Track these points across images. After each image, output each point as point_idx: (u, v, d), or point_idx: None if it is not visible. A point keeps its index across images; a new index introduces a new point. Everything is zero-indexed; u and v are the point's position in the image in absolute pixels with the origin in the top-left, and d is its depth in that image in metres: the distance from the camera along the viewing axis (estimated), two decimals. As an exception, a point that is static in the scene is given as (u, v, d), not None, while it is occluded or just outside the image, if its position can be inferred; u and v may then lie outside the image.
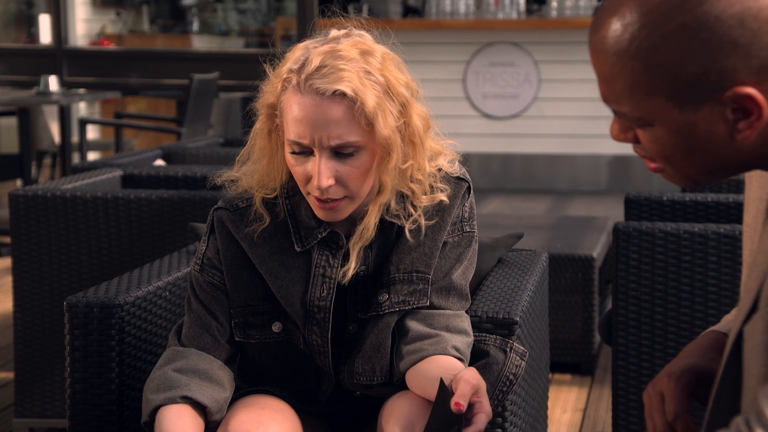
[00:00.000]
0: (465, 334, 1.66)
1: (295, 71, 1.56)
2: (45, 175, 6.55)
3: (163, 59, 6.43)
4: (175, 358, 1.64)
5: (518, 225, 4.08)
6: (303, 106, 1.54)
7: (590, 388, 3.38)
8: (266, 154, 1.63)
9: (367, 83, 1.54)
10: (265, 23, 9.54)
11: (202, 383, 1.60)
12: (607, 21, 1.06)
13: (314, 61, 1.54)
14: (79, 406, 1.78)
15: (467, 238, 1.69)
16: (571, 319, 3.45)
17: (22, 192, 2.77)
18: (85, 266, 2.77)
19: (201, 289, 1.67)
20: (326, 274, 1.64)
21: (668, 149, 1.08)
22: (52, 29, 6.43)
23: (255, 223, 1.65)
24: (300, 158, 1.57)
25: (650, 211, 2.60)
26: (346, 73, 1.53)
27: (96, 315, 1.78)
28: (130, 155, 3.46)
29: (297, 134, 1.55)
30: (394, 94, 1.58)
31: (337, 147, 1.54)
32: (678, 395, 1.24)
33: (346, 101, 1.53)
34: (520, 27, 7.06)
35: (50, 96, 5.48)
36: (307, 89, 1.54)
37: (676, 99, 1.04)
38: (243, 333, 1.67)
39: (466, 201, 1.69)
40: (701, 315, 2.30)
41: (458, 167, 1.71)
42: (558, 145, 7.07)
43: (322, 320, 1.64)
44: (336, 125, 1.53)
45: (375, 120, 1.54)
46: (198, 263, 1.68)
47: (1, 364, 3.57)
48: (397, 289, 1.64)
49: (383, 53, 1.60)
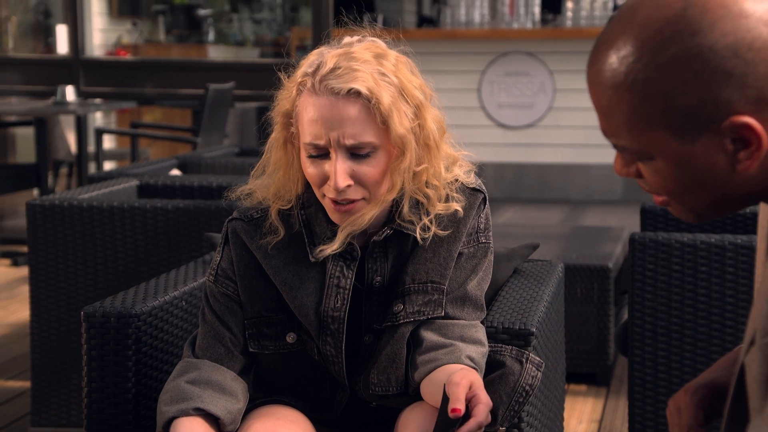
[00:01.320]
0: (480, 344, 1.66)
1: (310, 74, 1.57)
2: (61, 184, 6.58)
3: (178, 69, 6.46)
4: (188, 369, 1.64)
5: (533, 235, 4.07)
6: (318, 107, 1.55)
7: (606, 399, 3.37)
8: (282, 165, 1.64)
9: (382, 83, 1.55)
10: (281, 33, 9.57)
11: (215, 394, 1.60)
12: (604, 54, 1.06)
13: (329, 63, 1.56)
14: (96, 416, 1.79)
15: (483, 249, 1.69)
16: (587, 330, 3.44)
17: (39, 202, 2.79)
18: (101, 275, 2.78)
19: (215, 300, 1.67)
20: (340, 285, 1.64)
21: (670, 183, 1.08)
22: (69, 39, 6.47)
23: (270, 235, 1.65)
24: (317, 161, 1.57)
25: (666, 221, 2.59)
26: (360, 73, 1.54)
27: (113, 325, 1.78)
28: (146, 165, 3.48)
29: (313, 135, 1.55)
30: (408, 96, 1.58)
31: (353, 147, 1.55)
32: (692, 410, 1.24)
33: (361, 100, 1.54)
34: (535, 37, 7.06)
35: (67, 106, 5.51)
36: (322, 90, 1.55)
37: (673, 131, 1.03)
38: (257, 344, 1.67)
39: (482, 212, 1.69)
40: (718, 326, 2.29)
41: (474, 178, 1.70)
42: (573, 155, 7.06)
43: (336, 331, 1.64)
44: (352, 124, 1.54)
45: (390, 118, 1.54)
46: (213, 274, 1.68)
47: (18, 373, 3.59)
48: (412, 300, 1.63)
49: (397, 56, 1.61)
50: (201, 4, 9.26)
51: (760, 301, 1.05)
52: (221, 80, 5.93)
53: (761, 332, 1.01)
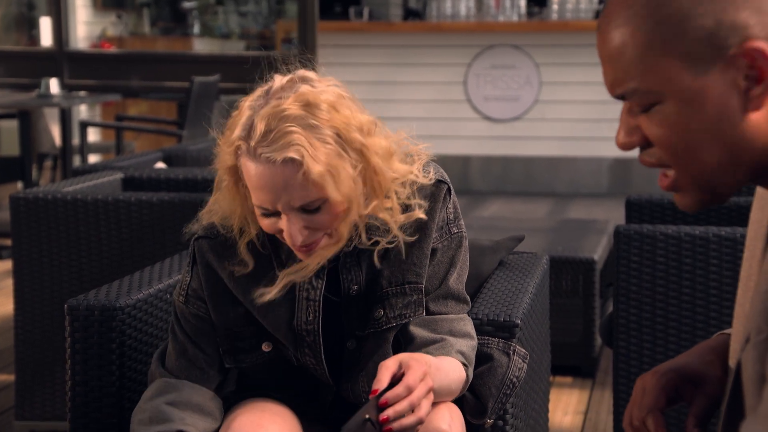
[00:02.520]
0: (469, 338, 1.66)
1: (243, 138, 1.52)
2: (46, 177, 6.55)
3: (163, 62, 6.44)
4: (167, 390, 1.63)
5: (519, 228, 4.07)
6: (259, 176, 1.51)
7: (591, 391, 3.38)
8: (238, 203, 1.60)
9: (316, 142, 1.50)
10: (266, 26, 9.54)
11: (195, 416, 1.60)
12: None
13: (259, 126, 1.50)
14: (80, 409, 1.78)
15: (456, 239, 1.68)
16: (572, 322, 3.44)
17: (22, 194, 2.77)
18: (85, 269, 2.76)
19: (186, 321, 1.66)
20: (310, 297, 1.62)
21: (679, 133, 1.03)
22: (52, 32, 6.43)
23: (238, 266, 1.62)
24: (270, 218, 1.55)
25: (651, 213, 2.60)
26: (293, 136, 1.49)
27: (97, 318, 1.78)
28: (130, 158, 3.46)
29: (260, 201, 1.53)
30: (347, 141, 1.52)
31: (302, 207, 1.52)
32: (656, 392, 1.24)
33: (297, 164, 1.49)
34: (521, 29, 7.06)
35: (51, 98, 5.48)
36: (258, 158, 1.50)
37: (687, 60, 1.00)
38: (232, 359, 1.66)
39: (448, 203, 1.66)
40: (702, 317, 2.30)
41: (433, 171, 1.66)
42: (559, 148, 7.07)
43: (313, 342, 1.63)
44: (295, 189, 1.50)
45: (325, 184, 1.50)
46: (183, 294, 1.67)
47: (2, 366, 3.57)
48: (391, 304, 1.63)
49: (329, 101, 1.52)
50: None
51: (755, 300, 1.05)
52: (206, 73, 5.91)
53: (756, 330, 1.01)
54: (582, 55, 6.95)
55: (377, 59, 7.10)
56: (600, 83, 7.40)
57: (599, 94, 6.92)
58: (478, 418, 1.69)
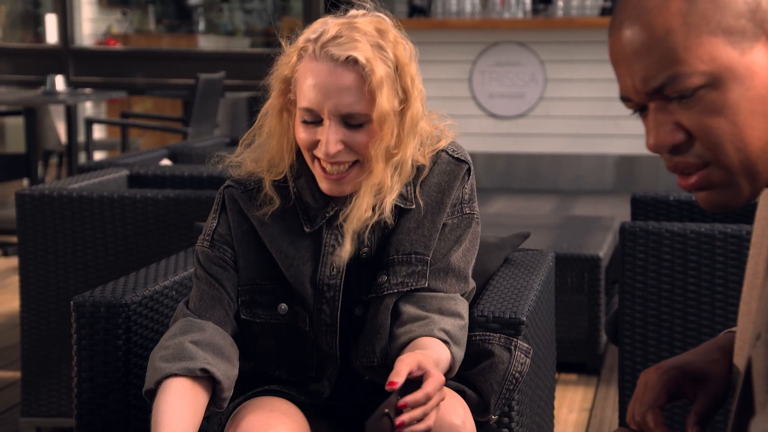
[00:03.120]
0: (457, 317, 1.66)
1: (312, 40, 1.60)
2: (51, 174, 6.56)
3: (169, 59, 6.44)
4: (191, 329, 1.62)
5: (524, 225, 4.07)
6: (317, 73, 1.57)
7: (596, 388, 3.38)
8: (276, 133, 1.65)
9: (378, 57, 1.58)
10: (271, 23, 9.54)
11: (217, 358, 1.59)
12: None
13: (331, 30, 1.59)
14: (86, 406, 1.79)
15: (467, 219, 1.69)
16: (578, 319, 3.44)
17: (28, 191, 2.78)
18: (91, 266, 2.77)
19: (211, 264, 1.67)
20: (335, 254, 1.64)
21: (727, 116, 0.99)
22: (58, 29, 6.44)
23: (265, 206, 1.66)
24: (310, 127, 1.59)
25: (657, 210, 2.60)
26: (360, 43, 1.57)
27: (103, 314, 1.78)
28: (136, 155, 3.47)
29: (309, 101, 1.57)
30: (400, 76, 1.60)
31: (347, 116, 1.57)
32: (657, 389, 1.24)
33: (357, 69, 1.56)
34: (526, 27, 7.05)
35: (56, 96, 5.49)
36: (322, 56, 1.57)
37: (730, 35, 0.98)
38: (249, 311, 1.67)
39: (466, 182, 1.69)
40: (708, 315, 2.30)
41: (459, 148, 1.71)
42: (564, 145, 7.06)
43: (332, 299, 1.64)
44: (348, 93, 1.56)
45: (379, 91, 1.56)
46: (207, 239, 1.68)
47: (8, 363, 3.58)
48: (395, 271, 1.64)
49: (397, 36, 1.63)
50: (191, -7, 9.23)
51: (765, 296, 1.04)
52: (212, 70, 5.91)
53: (766, 327, 1.00)
54: (587, 52, 6.94)
55: (382, 56, 7.08)
56: (605, 80, 7.34)
57: (604, 91, 6.91)
58: (482, 415, 1.69)
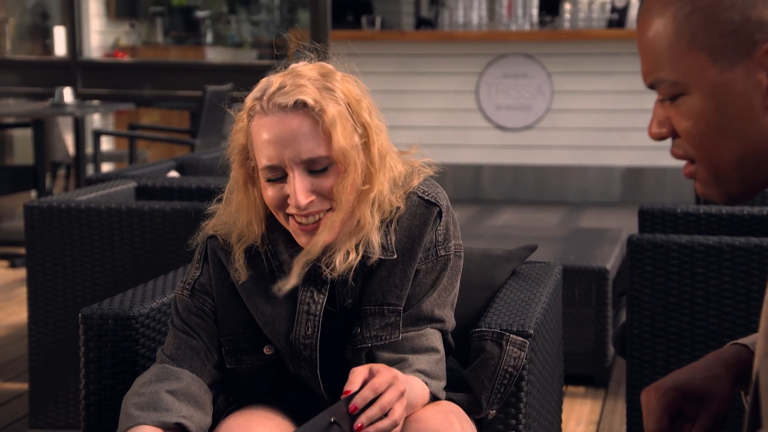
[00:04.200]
0: (432, 351, 1.64)
1: (258, 98, 1.57)
2: (59, 186, 6.58)
3: (176, 71, 6.46)
4: (168, 377, 1.62)
5: (530, 237, 4.07)
6: (269, 126, 1.55)
7: (604, 401, 3.37)
8: (243, 206, 1.62)
9: (328, 99, 1.55)
10: (278, 35, 9.57)
11: (191, 408, 1.60)
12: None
13: (275, 83, 1.57)
14: (94, 418, 1.79)
15: (442, 261, 1.66)
16: (585, 332, 3.44)
17: (36, 203, 2.79)
18: (99, 277, 2.77)
19: (189, 314, 1.67)
20: (310, 311, 1.63)
21: (702, 125, 1.05)
22: (66, 41, 6.47)
23: (236, 273, 1.64)
24: (276, 185, 1.56)
25: (664, 223, 2.59)
26: (306, 87, 1.55)
27: (111, 327, 1.78)
28: (143, 167, 3.48)
29: (268, 157, 1.55)
30: (355, 113, 1.57)
31: (309, 162, 1.54)
32: (657, 413, 1.22)
33: (308, 111, 1.54)
34: (533, 38, 7.06)
35: (65, 108, 5.51)
36: (271, 108, 1.55)
37: (712, 53, 1.02)
38: (234, 359, 1.67)
39: (438, 225, 1.65)
40: (716, 328, 2.29)
41: (431, 188, 1.66)
42: (570, 157, 7.06)
43: (309, 357, 1.63)
44: (304, 138, 1.53)
45: (333, 129, 1.53)
46: (188, 288, 1.67)
47: (16, 374, 3.58)
48: (368, 323, 1.63)
49: (343, 75, 1.60)
50: (199, 6, 9.27)
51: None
52: (219, 82, 5.93)
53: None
54: (594, 64, 6.94)
55: (389, 68, 7.11)
56: (612, 92, 7.35)
57: (611, 103, 6.91)
58: (477, 413, 1.68)
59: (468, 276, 1.89)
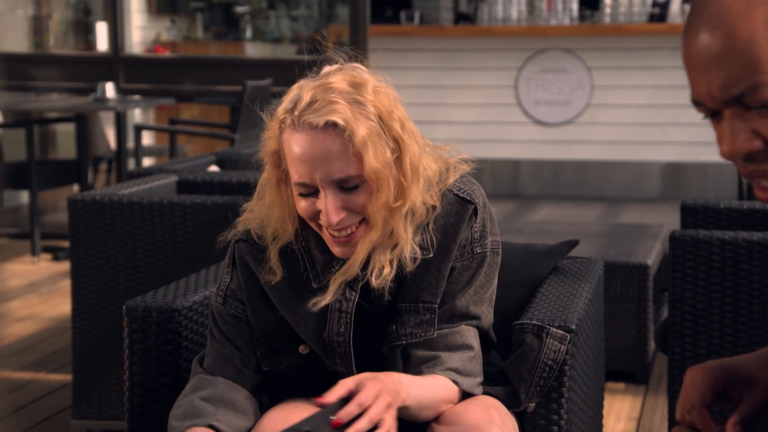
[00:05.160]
0: (467, 349, 1.64)
1: (289, 111, 1.55)
2: (101, 180, 6.64)
3: (216, 66, 6.50)
4: (202, 386, 1.65)
5: (570, 232, 4.05)
6: (300, 144, 1.53)
7: (645, 397, 3.35)
8: (277, 204, 1.62)
9: (359, 114, 1.53)
10: (317, 30, 9.59)
11: (228, 412, 1.61)
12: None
13: (305, 97, 1.54)
14: (138, 410, 1.81)
15: (478, 258, 1.65)
16: (626, 327, 3.42)
17: (80, 197, 2.82)
18: (141, 270, 2.80)
19: (224, 322, 1.68)
20: (343, 309, 1.63)
21: None
22: (108, 37, 6.53)
23: (270, 275, 1.64)
24: (308, 199, 1.56)
25: (706, 218, 2.57)
26: (337, 105, 1.52)
27: (154, 319, 1.80)
28: (184, 161, 3.50)
29: (299, 174, 1.54)
30: (386, 127, 1.55)
31: (340, 182, 1.53)
32: (701, 388, 1.22)
33: (338, 132, 1.51)
34: (573, 33, 7.01)
35: (107, 103, 5.57)
36: (302, 125, 1.53)
37: None
38: (269, 361, 1.67)
39: (474, 223, 1.64)
40: (759, 324, 2.27)
41: (467, 185, 1.65)
42: (610, 152, 7.01)
43: (344, 353, 1.64)
44: (335, 159, 1.52)
45: (364, 151, 1.51)
46: (221, 295, 1.69)
47: (60, 366, 3.63)
48: (403, 320, 1.62)
49: (375, 85, 1.57)
50: (239, 1, 9.31)
51: None
52: (258, 77, 5.95)
53: None
54: (635, 58, 6.89)
55: (428, 63, 7.10)
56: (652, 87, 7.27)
57: (651, 98, 6.86)
58: (516, 406, 1.68)
59: (509, 271, 1.89)
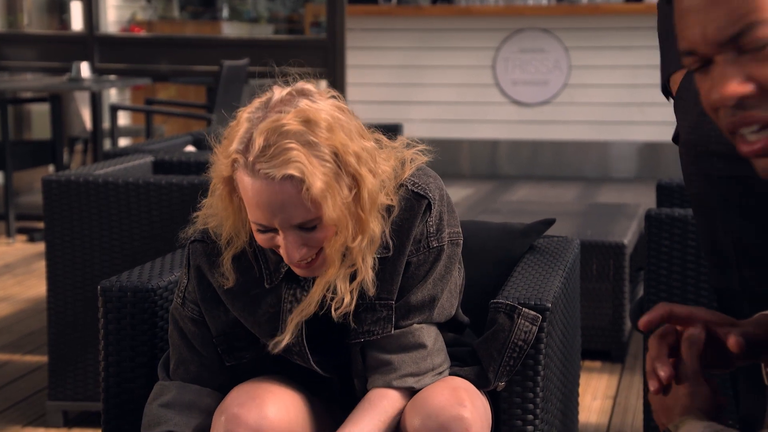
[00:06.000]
0: (420, 348, 1.64)
1: (241, 152, 1.51)
2: (77, 161, 6.60)
3: (193, 46, 6.45)
4: (162, 392, 1.67)
5: (548, 212, 4.06)
6: (257, 191, 1.50)
7: (621, 376, 3.37)
8: (230, 213, 1.60)
9: (315, 160, 1.49)
10: (294, 10, 9.54)
11: (186, 414, 1.63)
12: None
13: (258, 140, 1.49)
14: (113, 390, 1.80)
15: (435, 252, 1.64)
16: (602, 306, 3.44)
17: (55, 177, 2.80)
18: (117, 251, 2.79)
19: (184, 323, 1.68)
20: (293, 310, 1.62)
21: None
22: (83, 16, 6.47)
23: (222, 278, 1.63)
24: (267, 234, 1.55)
25: (682, 197, 2.58)
26: (291, 153, 1.48)
27: (129, 299, 1.79)
28: (160, 141, 3.48)
29: (257, 218, 1.53)
30: (343, 164, 1.52)
31: (299, 225, 1.52)
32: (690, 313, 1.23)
33: (296, 183, 1.49)
34: (551, 13, 7.01)
35: (82, 82, 5.52)
36: (257, 173, 1.49)
37: None
38: (232, 356, 1.68)
39: (429, 217, 1.62)
40: (734, 303, 2.28)
41: (422, 179, 1.63)
42: (588, 132, 7.03)
43: (299, 353, 1.64)
44: (293, 207, 1.50)
45: (323, 202, 1.49)
46: (180, 297, 1.69)
47: (35, 347, 3.61)
48: (361, 318, 1.62)
49: (328, 121, 1.51)
50: (215, -20, 9.24)
51: None
52: (235, 57, 5.92)
53: None
54: (612, 38, 6.90)
55: (406, 43, 7.08)
56: (630, 66, 7.28)
57: (629, 78, 6.87)
58: (485, 386, 1.68)
59: (486, 250, 1.89)
